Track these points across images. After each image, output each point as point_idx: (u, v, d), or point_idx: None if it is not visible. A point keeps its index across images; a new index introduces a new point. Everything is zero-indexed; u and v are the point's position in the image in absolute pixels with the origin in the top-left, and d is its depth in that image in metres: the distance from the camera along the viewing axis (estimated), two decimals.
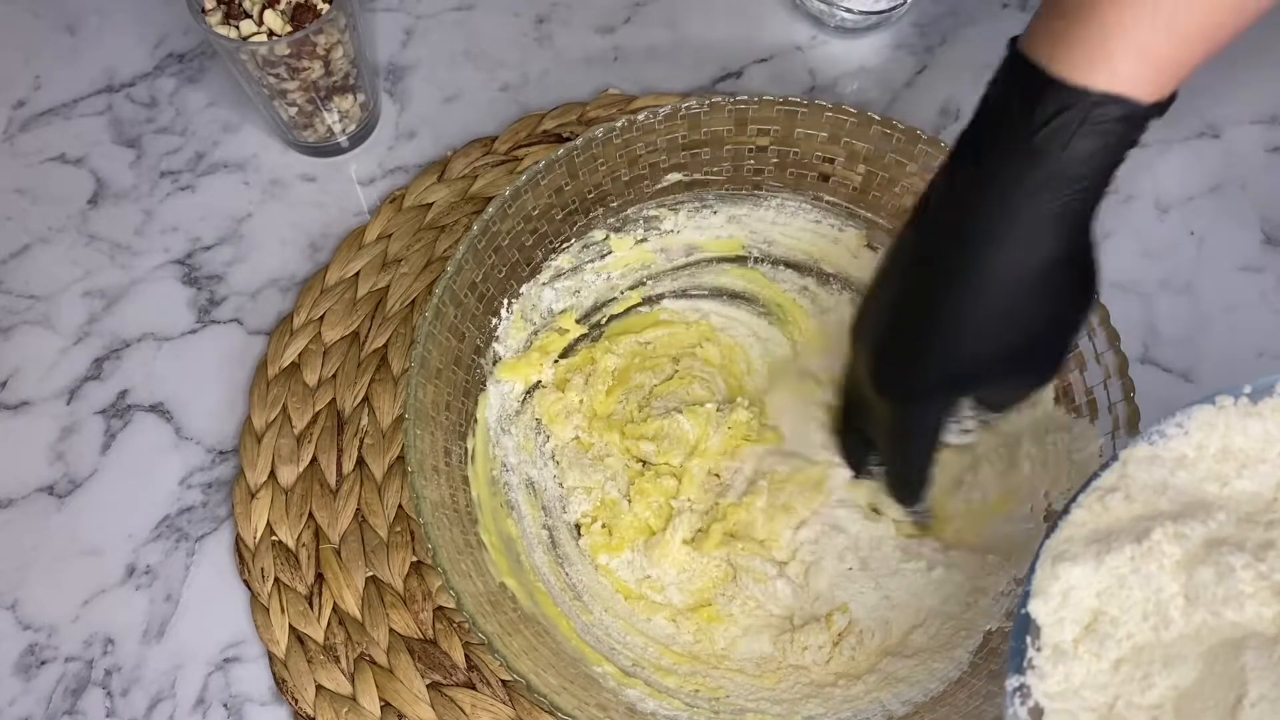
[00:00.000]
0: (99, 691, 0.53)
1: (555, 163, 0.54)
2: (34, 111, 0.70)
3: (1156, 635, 0.37)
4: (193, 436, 0.59)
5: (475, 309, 0.54)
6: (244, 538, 0.56)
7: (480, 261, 0.53)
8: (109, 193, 0.67)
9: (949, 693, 0.48)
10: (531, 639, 0.48)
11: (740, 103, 0.54)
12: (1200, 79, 0.67)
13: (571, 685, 0.47)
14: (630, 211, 0.58)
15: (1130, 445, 0.39)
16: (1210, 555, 0.37)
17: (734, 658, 0.52)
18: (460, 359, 0.53)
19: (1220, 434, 0.39)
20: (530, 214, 0.55)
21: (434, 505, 0.48)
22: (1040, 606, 0.37)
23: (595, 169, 0.55)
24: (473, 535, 0.50)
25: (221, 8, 0.59)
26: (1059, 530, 0.38)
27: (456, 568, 0.47)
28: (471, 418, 0.54)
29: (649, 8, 0.72)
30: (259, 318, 0.62)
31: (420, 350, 0.50)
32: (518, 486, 0.55)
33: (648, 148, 0.55)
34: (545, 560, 0.54)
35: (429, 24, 0.72)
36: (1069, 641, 0.37)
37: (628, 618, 0.53)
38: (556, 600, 0.52)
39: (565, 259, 0.58)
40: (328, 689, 0.53)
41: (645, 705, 0.48)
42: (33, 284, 0.64)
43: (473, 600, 0.46)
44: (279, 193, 0.66)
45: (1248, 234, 0.63)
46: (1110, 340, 0.49)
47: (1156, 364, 0.59)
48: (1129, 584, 0.37)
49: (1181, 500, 0.38)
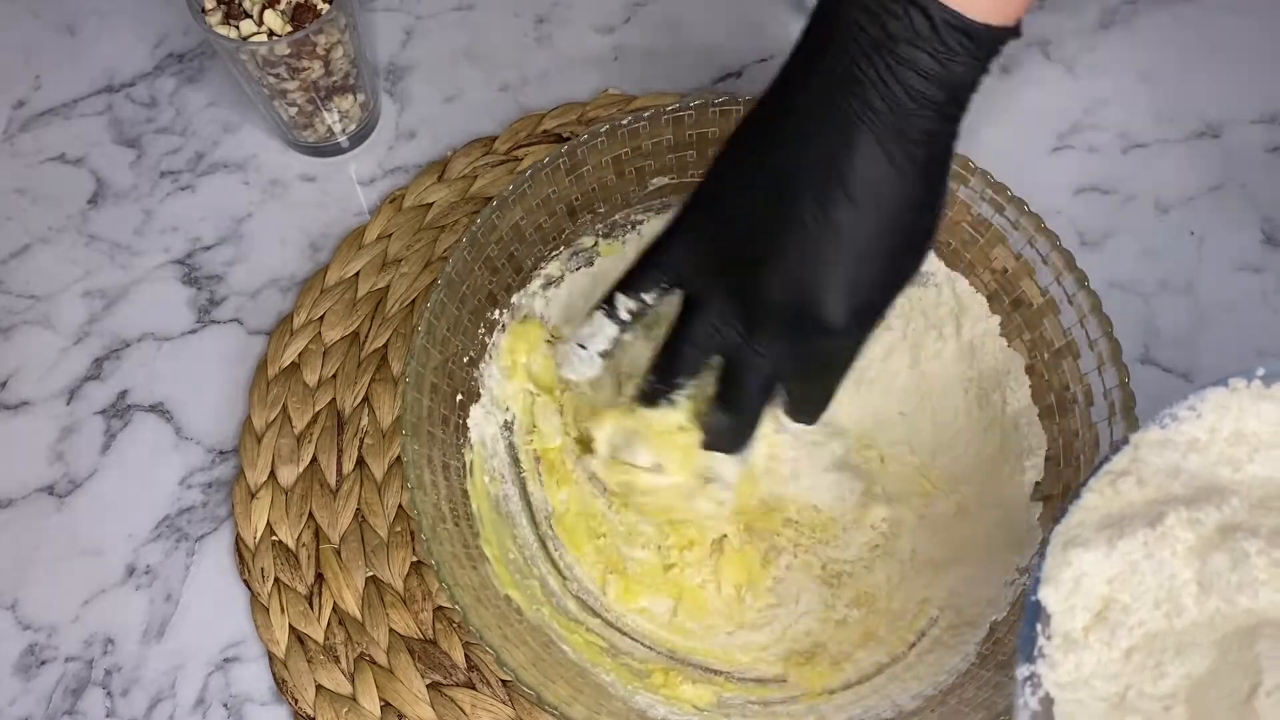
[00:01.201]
0: (99, 691, 0.53)
1: (542, 169, 0.54)
2: (34, 111, 0.70)
3: (1169, 623, 0.36)
4: (193, 436, 0.59)
5: (467, 322, 0.54)
6: (244, 538, 0.56)
7: (468, 273, 0.53)
8: (109, 193, 0.67)
9: (958, 685, 0.48)
10: (538, 650, 0.48)
11: (725, 103, 0.54)
12: (1200, 79, 0.67)
13: (581, 695, 0.46)
14: (618, 217, 0.58)
15: (1142, 429, 0.39)
16: (1224, 541, 0.36)
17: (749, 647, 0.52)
18: (453, 373, 0.53)
19: (1234, 417, 0.38)
20: (518, 223, 0.55)
21: (433, 519, 0.48)
22: (1051, 593, 0.37)
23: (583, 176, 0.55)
24: (474, 549, 0.50)
25: (221, 8, 0.59)
26: (1069, 515, 0.38)
27: (459, 581, 0.46)
28: (467, 431, 0.54)
29: (649, 8, 0.72)
30: (259, 318, 0.62)
31: (414, 365, 0.50)
32: (515, 499, 0.55)
33: (634, 153, 0.55)
34: (549, 571, 0.54)
35: (429, 24, 0.72)
36: (1080, 629, 0.37)
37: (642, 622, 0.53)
38: (560, 608, 0.52)
39: (554, 266, 0.58)
40: (328, 689, 0.53)
41: (656, 712, 0.48)
42: (33, 284, 0.64)
43: (476, 614, 0.46)
44: (279, 193, 0.66)
45: (1248, 234, 0.63)
46: (1102, 327, 0.49)
47: (1157, 364, 0.59)
48: (1141, 570, 0.36)
49: (1194, 485, 0.38)
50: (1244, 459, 0.38)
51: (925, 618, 0.51)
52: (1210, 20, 0.69)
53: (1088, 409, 0.50)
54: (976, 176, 0.53)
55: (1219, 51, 0.68)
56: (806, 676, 0.51)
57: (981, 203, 0.53)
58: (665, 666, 0.51)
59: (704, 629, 0.52)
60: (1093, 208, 0.64)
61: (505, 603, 0.49)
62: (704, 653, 0.52)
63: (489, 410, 0.55)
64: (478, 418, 0.54)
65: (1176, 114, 0.66)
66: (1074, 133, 0.66)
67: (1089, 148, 0.66)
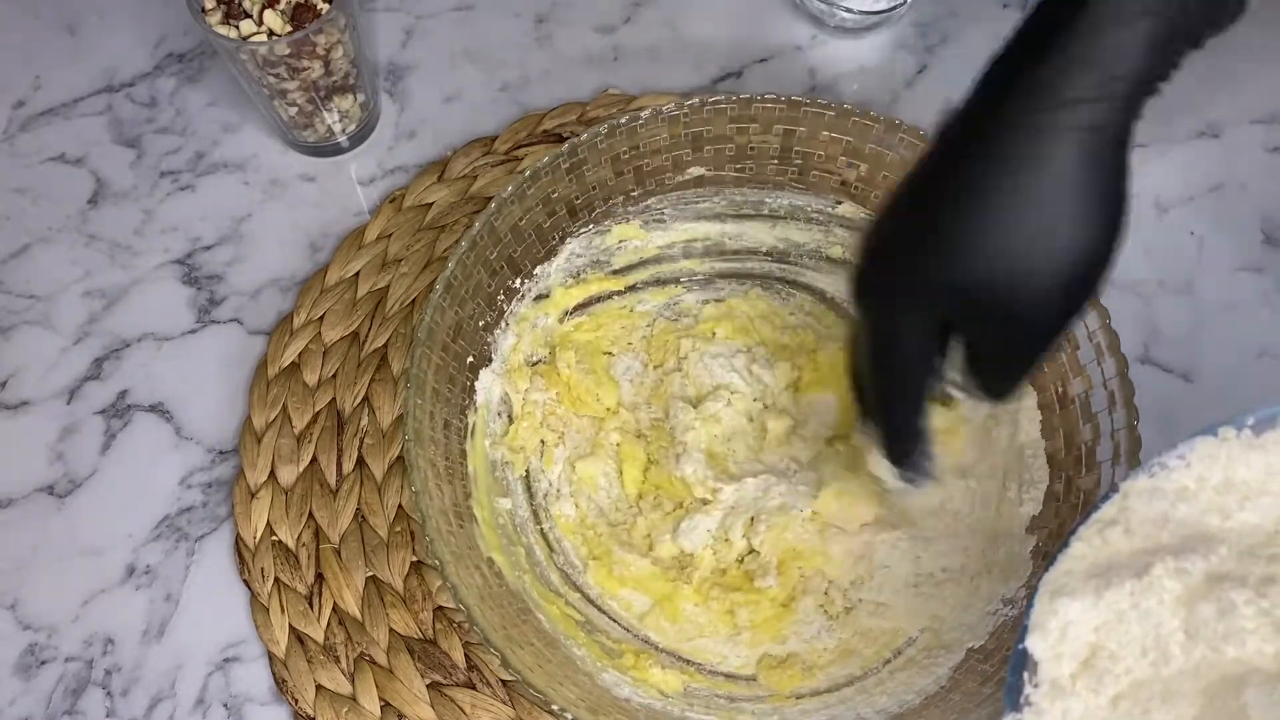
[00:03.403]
0: (99, 691, 0.53)
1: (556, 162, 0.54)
2: (34, 111, 0.70)
3: (1156, 671, 0.36)
4: (193, 436, 0.59)
5: (487, 284, 0.54)
6: (244, 538, 0.56)
7: (496, 239, 0.53)
8: (109, 193, 0.67)
9: (924, 706, 0.48)
10: (513, 615, 0.48)
11: (724, 103, 0.54)
12: (1200, 79, 0.67)
13: (548, 664, 0.47)
14: (651, 202, 0.58)
15: (1131, 477, 0.39)
16: (1211, 590, 0.36)
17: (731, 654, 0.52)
18: (464, 332, 0.53)
19: (1222, 466, 0.38)
20: (549, 196, 0.55)
21: (425, 472, 0.48)
22: (1038, 642, 0.37)
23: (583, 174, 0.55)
24: (465, 508, 0.50)
25: (221, 7, 0.59)
26: (1057, 564, 0.38)
27: (440, 531, 0.47)
28: (474, 393, 0.54)
29: (649, 8, 0.72)
30: (259, 318, 0.62)
31: (429, 319, 0.50)
32: (515, 468, 0.55)
33: (631, 150, 0.55)
34: (536, 540, 0.54)
35: (429, 24, 0.72)
36: (1067, 677, 0.37)
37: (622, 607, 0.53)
38: (541, 577, 0.52)
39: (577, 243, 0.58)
40: (328, 689, 0.53)
41: (621, 691, 0.48)
42: (33, 284, 0.64)
43: (454, 571, 0.46)
44: (279, 193, 0.66)
45: (1248, 234, 0.63)
46: (1119, 368, 0.49)
47: (1156, 364, 0.59)
48: (1128, 619, 0.37)
49: (1182, 533, 0.38)
50: (1233, 507, 0.38)
51: (904, 637, 0.51)
52: None
53: (1094, 447, 0.49)
54: None
55: (1219, 51, 0.68)
56: (777, 679, 0.51)
57: None
58: (637, 649, 0.51)
59: (677, 629, 0.53)
60: None
61: (488, 565, 0.49)
62: (676, 646, 0.52)
63: (498, 375, 0.55)
64: (486, 381, 0.55)
65: (1176, 114, 0.66)
66: None
67: None
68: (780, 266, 0.60)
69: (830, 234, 0.58)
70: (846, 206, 0.57)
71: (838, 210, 0.57)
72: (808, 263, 0.60)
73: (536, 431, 0.56)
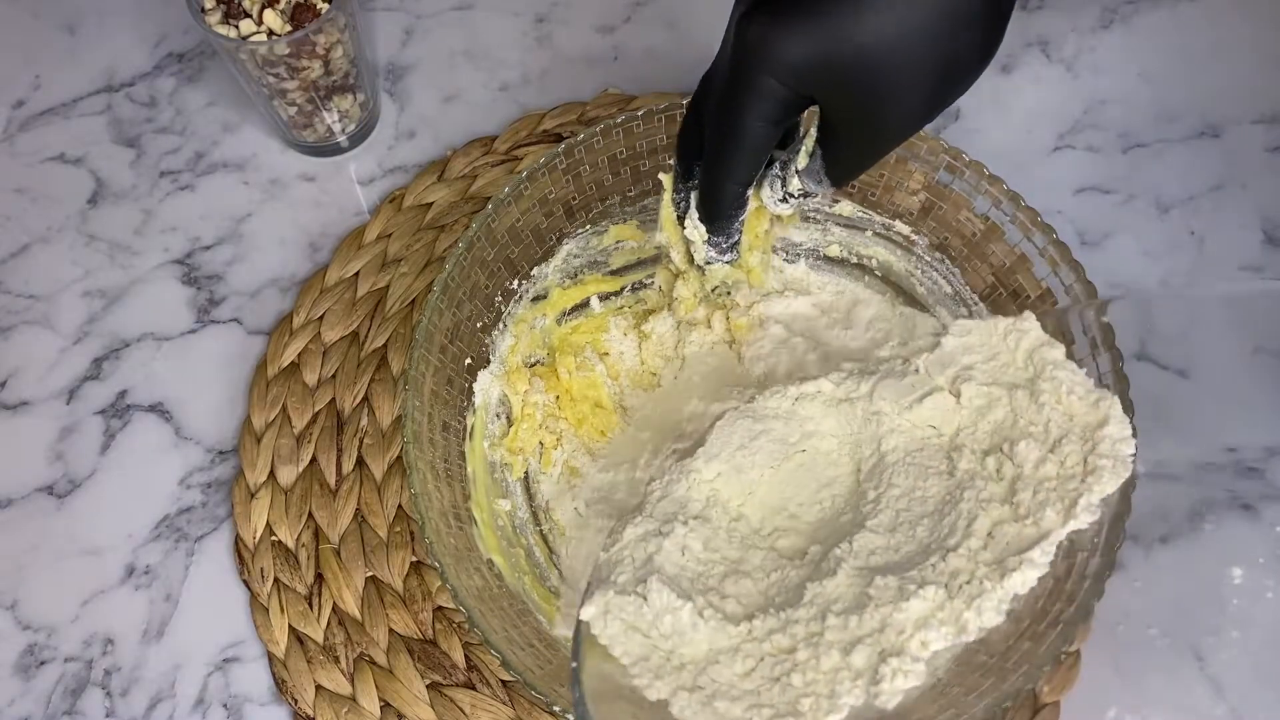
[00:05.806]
0: (99, 691, 0.53)
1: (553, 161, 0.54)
2: (34, 111, 0.70)
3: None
4: (192, 436, 0.59)
5: (484, 286, 0.54)
6: (243, 538, 0.56)
7: (493, 240, 0.53)
8: (109, 192, 0.67)
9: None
10: (514, 616, 0.48)
11: None
12: (1200, 79, 0.67)
13: (549, 665, 0.46)
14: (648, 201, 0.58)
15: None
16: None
17: None
18: (462, 333, 0.53)
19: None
20: (546, 197, 0.54)
21: (424, 474, 0.48)
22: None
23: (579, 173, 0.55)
24: (464, 509, 0.50)
25: (221, 7, 0.59)
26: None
27: (439, 533, 0.47)
28: (472, 395, 0.54)
29: (649, 8, 0.72)
30: (259, 318, 0.62)
31: (426, 322, 0.49)
32: (514, 470, 0.55)
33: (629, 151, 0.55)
34: (536, 542, 0.54)
35: (429, 24, 0.72)
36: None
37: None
38: (541, 579, 0.52)
39: (574, 244, 0.58)
40: (327, 689, 0.53)
41: None
42: (33, 284, 0.64)
43: (452, 559, 0.46)
44: (279, 193, 0.66)
45: (1248, 234, 0.63)
46: (1113, 363, 0.48)
47: (1153, 361, 0.59)
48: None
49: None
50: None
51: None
52: (1210, 20, 0.69)
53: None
54: (971, 170, 0.53)
55: (1219, 51, 0.68)
56: None
57: (977, 195, 0.53)
58: None
59: None
60: (1093, 207, 0.64)
61: (488, 567, 0.49)
62: None
63: (496, 377, 0.55)
64: (484, 383, 0.55)
65: (1176, 114, 0.66)
66: (1074, 132, 0.66)
67: (1089, 147, 0.66)
68: None
69: (828, 233, 0.58)
70: (843, 205, 0.57)
71: (834, 209, 0.57)
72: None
73: (536, 433, 0.56)
